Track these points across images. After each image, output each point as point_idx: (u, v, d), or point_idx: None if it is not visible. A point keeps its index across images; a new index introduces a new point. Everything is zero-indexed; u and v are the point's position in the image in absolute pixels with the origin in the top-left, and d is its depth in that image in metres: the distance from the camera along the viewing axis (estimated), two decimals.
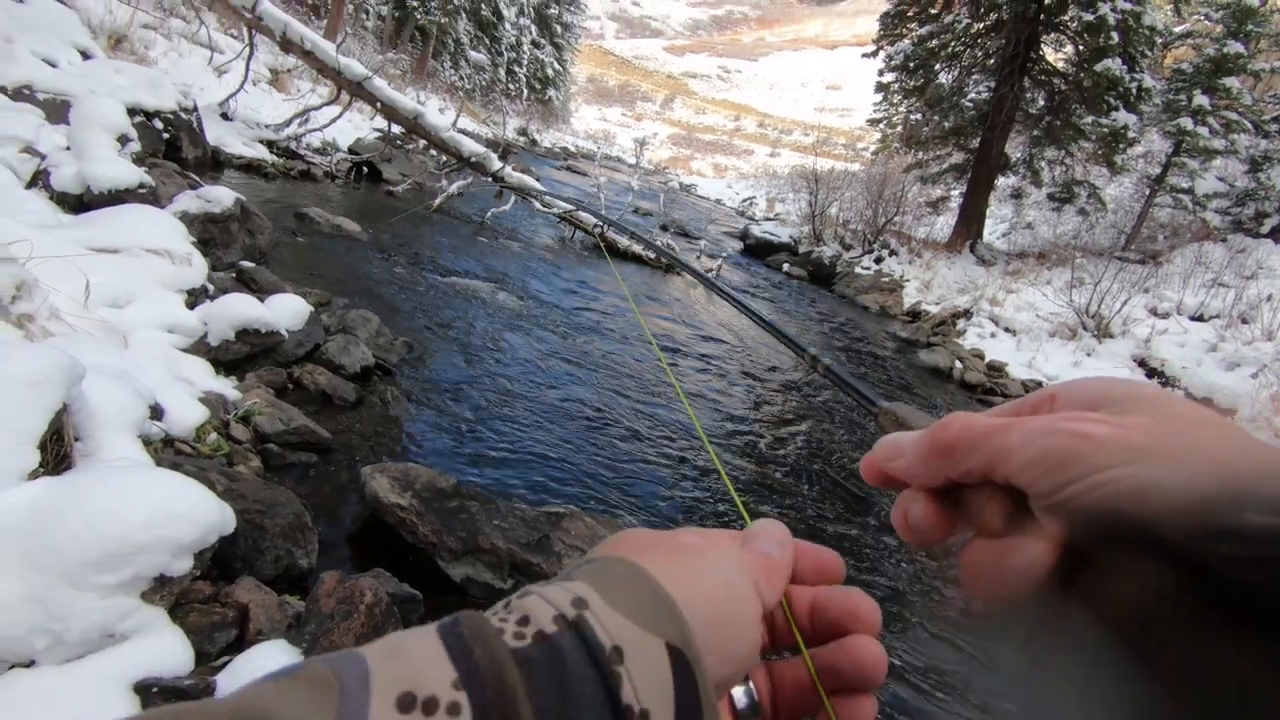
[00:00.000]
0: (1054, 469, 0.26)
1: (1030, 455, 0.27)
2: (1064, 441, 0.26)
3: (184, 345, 3.10)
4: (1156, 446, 0.25)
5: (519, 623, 0.23)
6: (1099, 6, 13.16)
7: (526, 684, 0.21)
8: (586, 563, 0.28)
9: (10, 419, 1.59)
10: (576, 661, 0.22)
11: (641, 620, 0.24)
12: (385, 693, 0.20)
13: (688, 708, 0.24)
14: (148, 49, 9.71)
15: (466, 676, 0.21)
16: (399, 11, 30.35)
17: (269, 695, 0.20)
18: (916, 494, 0.32)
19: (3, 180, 3.74)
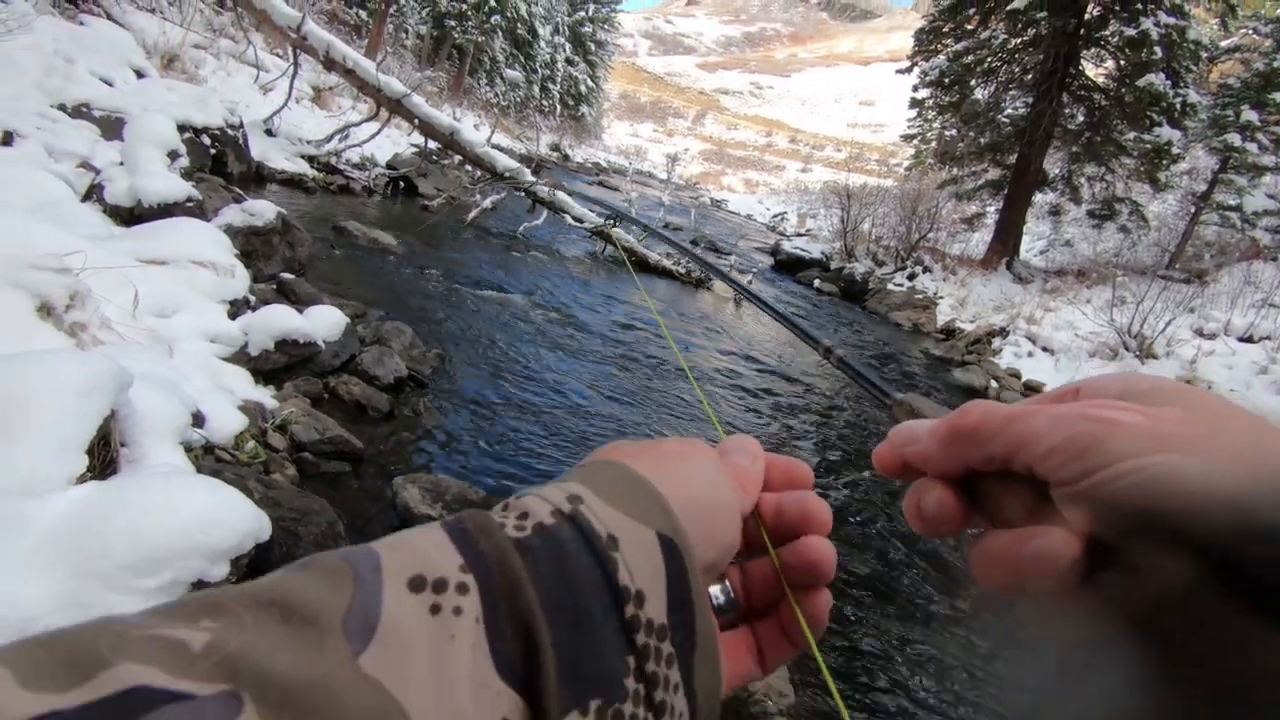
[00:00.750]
0: (1079, 455, 0.25)
1: (1055, 441, 0.26)
2: (1091, 428, 0.25)
3: (225, 355, 3.18)
4: (1187, 436, 0.24)
5: (519, 517, 0.25)
6: (1141, 21, 12.93)
7: (529, 569, 0.23)
8: (577, 469, 0.30)
9: (61, 424, 1.64)
10: (575, 549, 0.24)
11: (633, 512, 0.26)
12: (397, 576, 0.22)
13: (679, 589, 0.26)
14: (198, 68, 10.08)
15: (473, 562, 0.23)
16: (437, 31, 31.09)
17: (289, 581, 0.21)
18: (931, 482, 0.31)
19: (60, 194, 3.89)
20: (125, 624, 0.18)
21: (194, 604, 0.19)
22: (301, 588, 0.21)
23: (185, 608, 0.19)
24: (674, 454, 0.32)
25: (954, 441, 0.30)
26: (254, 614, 0.19)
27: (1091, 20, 14.19)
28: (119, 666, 0.17)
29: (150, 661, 0.17)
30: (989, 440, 0.28)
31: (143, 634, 0.18)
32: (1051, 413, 0.27)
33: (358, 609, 0.20)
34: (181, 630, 0.18)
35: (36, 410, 1.62)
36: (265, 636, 0.19)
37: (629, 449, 0.32)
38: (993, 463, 0.29)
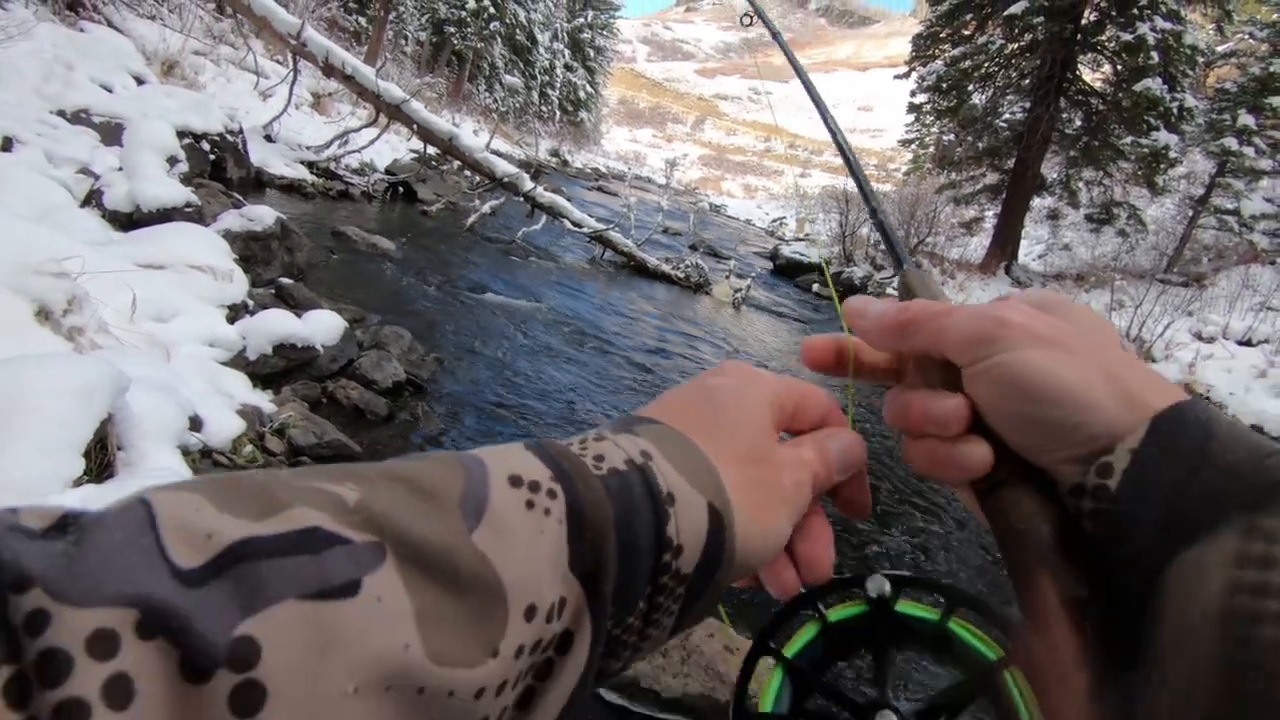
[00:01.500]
0: (975, 345, 0.33)
1: (960, 334, 0.34)
2: (986, 325, 0.33)
3: (224, 359, 3.18)
4: (1053, 339, 0.32)
5: (595, 458, 0.29)
6: (1138, 26, 12.99)
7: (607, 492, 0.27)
8: (649, 422, 0.32)
9: (58, 427, 1.64)
10: (640, 494, 0.28)
11: (693, 481, 0.29)
12: (500, 472, 0.26)
13: (712, 553, 0.29)
14: (198, 74, 10.11)
15: (559, 475, 0.27)
16: (436, 37, 31.19)
17: (412, 464, 0.25)
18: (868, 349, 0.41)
19: (59, 199, 3.90)
20: (290, 474, 0.23)
21: (336, 470, 0.23)
22: (423, 470, 0.25)
23: (331, 472, 0.23)
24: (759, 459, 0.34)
25: (893, 328, 0.37)
26: (388, 484, 0.23)
27: (1088, 25, 14.25)
28: (296, 508, 0.21)
29: (320, 507, 0.21)
30: (917, 332, 0.36)
31: (307, 485, 0.22)
32: (963, 312, 0.34)
33: (470, 494, 0.24)
34: (337, 487, 0.22)
35: (34, 413, 1.63)
36: (399, 502, 0.23)
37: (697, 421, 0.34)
38: (915, 352, 0.37)
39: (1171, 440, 0.28)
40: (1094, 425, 0.29)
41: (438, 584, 0.22)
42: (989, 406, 0.33)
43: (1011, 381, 0.31)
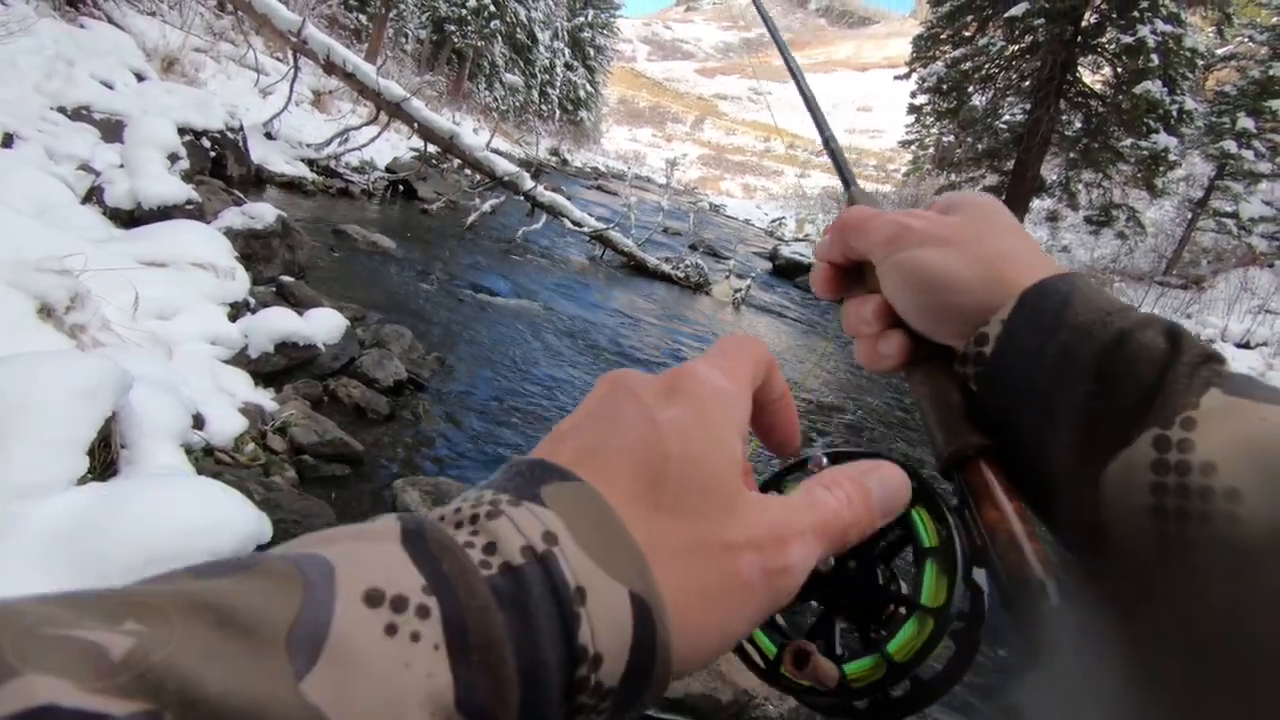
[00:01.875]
0: (884, 245, 0.39)
1: (877, 237, 0.40)
2: (893, 229, 0.39)
3: (225, 357, 3.18)
4: (947, 237, 0.38)
5: (485, 550, 0.22)
6: (1138, 29, 13.01)
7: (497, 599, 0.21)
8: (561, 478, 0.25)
9: (62, 426, 1.64)
10: (540, 594, 0.22)
11: (609, 566, 0.23)
12: (351, 586, 0.19)
13: (642, 658, 0.23)
14: (198, 71, 10.09)
15: (435, 583, 0.21)
16: (437, 35, 31.16)
17: (227, 587, 0.18)
18: (821, 265, 0.45)
19: (60, 196, 3.89)
20: (35, 617, 0.16)
21: (117, 599, 0.17)
22: (242, 591, 0.18)
23: (107, 602, 0.17)
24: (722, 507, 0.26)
25: (834, 232, 0.43)
26: (186, 617, 0.17)
27: (1088, 28, 14.28)
28: (24, 678, 0.14)
29: (61, 672, 0.15)
30: (851, 234, 0.42)
31: (56, 635, 0.15)
32: (881, 217, 0.40)
33: (304, 621, 0.18)
34: (101, 632, 0.16)
35: (38, 411, 1.62)
36: (196, 646, 0.16)
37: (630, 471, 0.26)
38: (852, 251, 0.42)
39: (1035, 310, 0.34)
40: (968, 304, 0.36)
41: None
42: (893, 298, 0.39)
43: (904, 274, 0.38)
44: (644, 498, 0.25)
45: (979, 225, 0.38)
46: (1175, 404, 0.29)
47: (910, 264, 0.37)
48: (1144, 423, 0.30)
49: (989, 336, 0.35)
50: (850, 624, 0.37)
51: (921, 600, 0.33)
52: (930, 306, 0.37)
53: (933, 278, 0.37)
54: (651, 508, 0.25)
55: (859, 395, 6.64)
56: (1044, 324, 0.33)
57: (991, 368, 0.35)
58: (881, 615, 0.35)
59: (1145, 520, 0.29)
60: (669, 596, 0.24)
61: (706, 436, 0.27)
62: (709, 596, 0.25)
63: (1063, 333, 0.32)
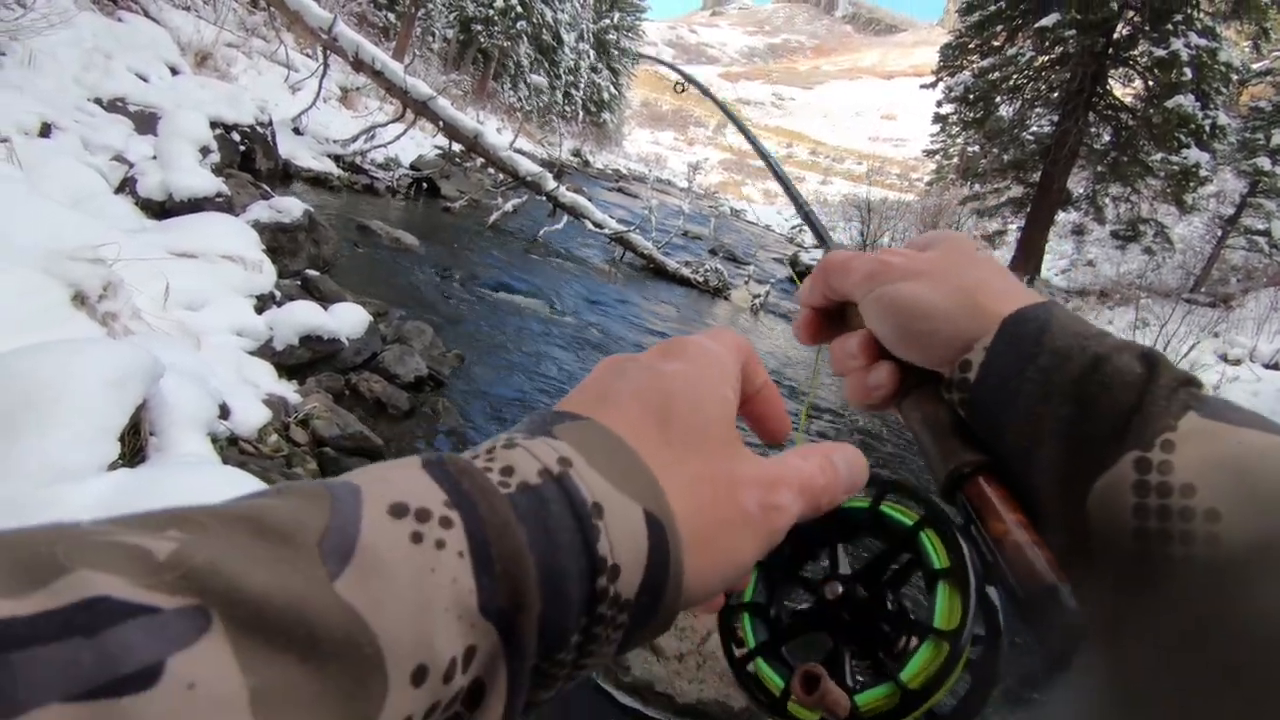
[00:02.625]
0: (865, 282, 0.41)
1: (857, 275, 0.41)
2: (874, 266, 0.41)
3: (251, 349, 3.22)
4: (925, 272, 0.39)
5: (503, 471, 0.23)
6: (1171, 42, 12.82)
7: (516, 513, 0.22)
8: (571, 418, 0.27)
9: (95, 412, 1.67)
10: (559, 510, 0.23)
11: (623, 485, 0.24)
12: (377, 502, 0.20)
13: (657, 570, 0.24)
14: (230, 66, 10.25)
15: (457, 499, 0.22)
16: (464, 35, 31.41)
17: (263, 499, 0.20)
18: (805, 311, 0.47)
19: (95, 186, 3.97)
20: (85, 529, 0.17)
21: (160, 514, 0.18)
22: (276, 506, 0.19)
23: (151, 517, 0.18)
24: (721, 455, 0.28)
25: (815, 277, 0.45)
26: (225, 526, 0.18)
27: (1120, 40, 14.09)
28: (77, 573, 0.15)
29: (112, 569, 0.16)
30: (833, 275, 0.43)
31: (104, 540, 0.16)
32: (864, 258, 0.42)
33: (334, 530, 0.19)
34: (146, 538, 0.17)
35: (72, 397, 1.66)
36: (236, 551, 0.17)
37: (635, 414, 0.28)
38: (836, 293, 0.44)
39: (1015, 336, 0.35)
40: (950, 332, 0.37)
41: (286, 654, 0.17)
42: (878, 331, 0.41)
43: (886, 306, 0.40)
44: (653, 433, 0.27)
45: (955, 258, 0.40)
46: (1154, 427, 0.31)
47: (891, 296, 0.39)
48: (1124, 445, 0.31)
49: (972, 363, 0.37)
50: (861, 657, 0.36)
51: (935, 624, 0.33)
52: (914, 335, 0.39)
53: (914, 307, 0.38)
54: (661, 443, 0.27)
55: (869, 422, 6.56)
56: (1024, 350, 0.35)
57: (976, 393, 0.36)
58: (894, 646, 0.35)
59: (1129, 541, 0.30)
60: (680, 519, 0.25)
61: (705, 385, 0.30)
62: (717, 523, 0.27)
63: (1042, 358, 0.34)
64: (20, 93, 4.67)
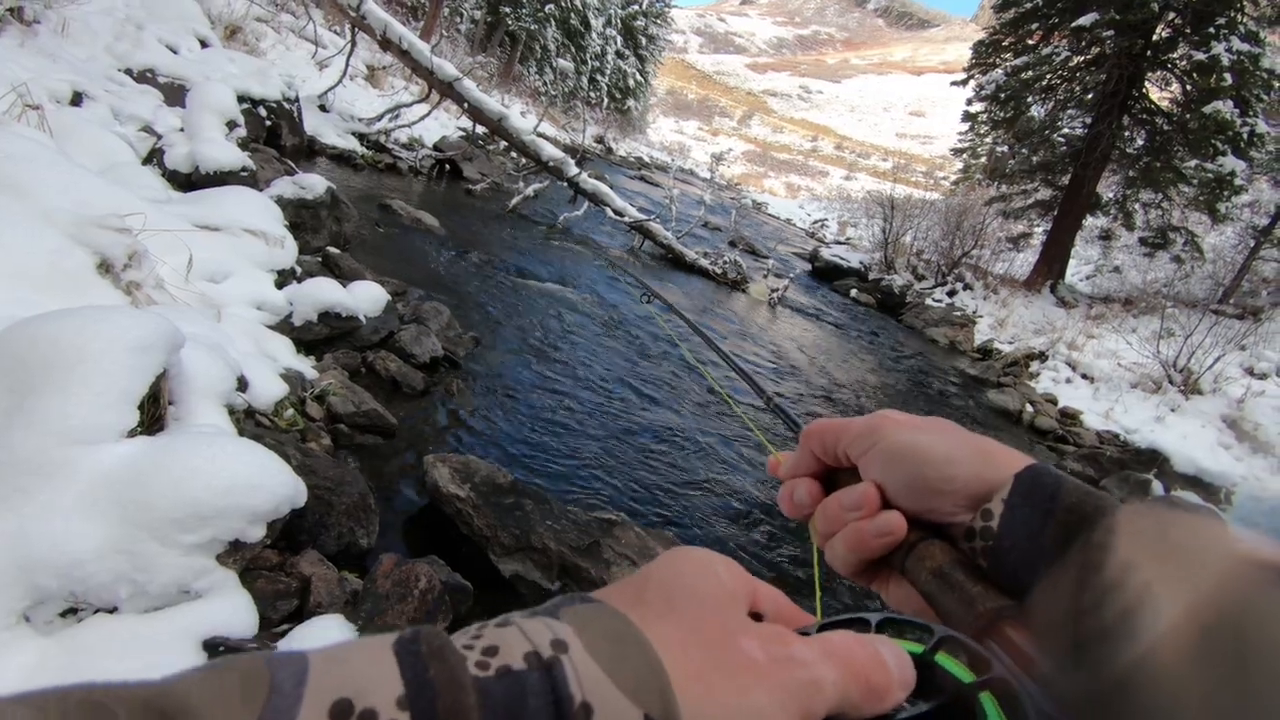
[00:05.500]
0: (865, 437, 0.41)
1: (853, 432, 0.42)
2: (872, 420, 0.42)
3: (270, 323, 3.25)
4: (926, 427, 0.41)
5: (485, 651, 0.21)
6: (1212, 46, 12.49)
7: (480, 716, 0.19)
8: (582, 601, 0.25)
9: (116, 378, 1.70)
10: (538, 707, 0.20)
11: (622, 682, 0.21)
12: (320, 695, 0.18)
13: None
14: (259, 40, 10.29)
15: (415, 695, 0.19)
16: (491, 17, 31.31)
17: (192, 685, 0.18)
18: (798, 479, 0.46)
19: (123, 155, 4.02)
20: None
21: (74, 695, 0.17)
22: (203, 694, 0.17)
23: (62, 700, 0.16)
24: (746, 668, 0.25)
25: (803, 445, 0.45)
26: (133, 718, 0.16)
27: (1159, 42, 13.76)
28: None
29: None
30: (824, 438, 0.43)
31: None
32: (857, 420, 0.42)
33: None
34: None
35: (94, 363, 1.68)
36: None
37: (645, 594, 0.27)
38: (827, 454, 0.44)
39: (1032, 490, 0.36)
40: (966, 479, 0.38)
41: None
42: (885, 480, 0.40)
43: (895, 452, 0.40)
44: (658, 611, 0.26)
45: (950, 424, 0.41)
46: None
47: (904, 442, 0.40)
48: None
49: (993, 513, 0.37)
50: None
51: None
52: (932, 482, 0.38)
53: (928, 453, 0.39)
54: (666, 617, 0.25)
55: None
56: (1042, 502, 0.36)
57: (998, 543, 0.37)
58: None
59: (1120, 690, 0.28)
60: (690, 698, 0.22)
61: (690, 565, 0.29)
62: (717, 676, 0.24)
63: (1059, 513, 0.35)
64: (53, 61, 4.72)
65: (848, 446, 0.42)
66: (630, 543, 2.62)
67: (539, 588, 2.42)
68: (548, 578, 2.44)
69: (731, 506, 3.66)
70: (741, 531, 3.47)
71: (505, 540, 2.45)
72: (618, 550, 2.56)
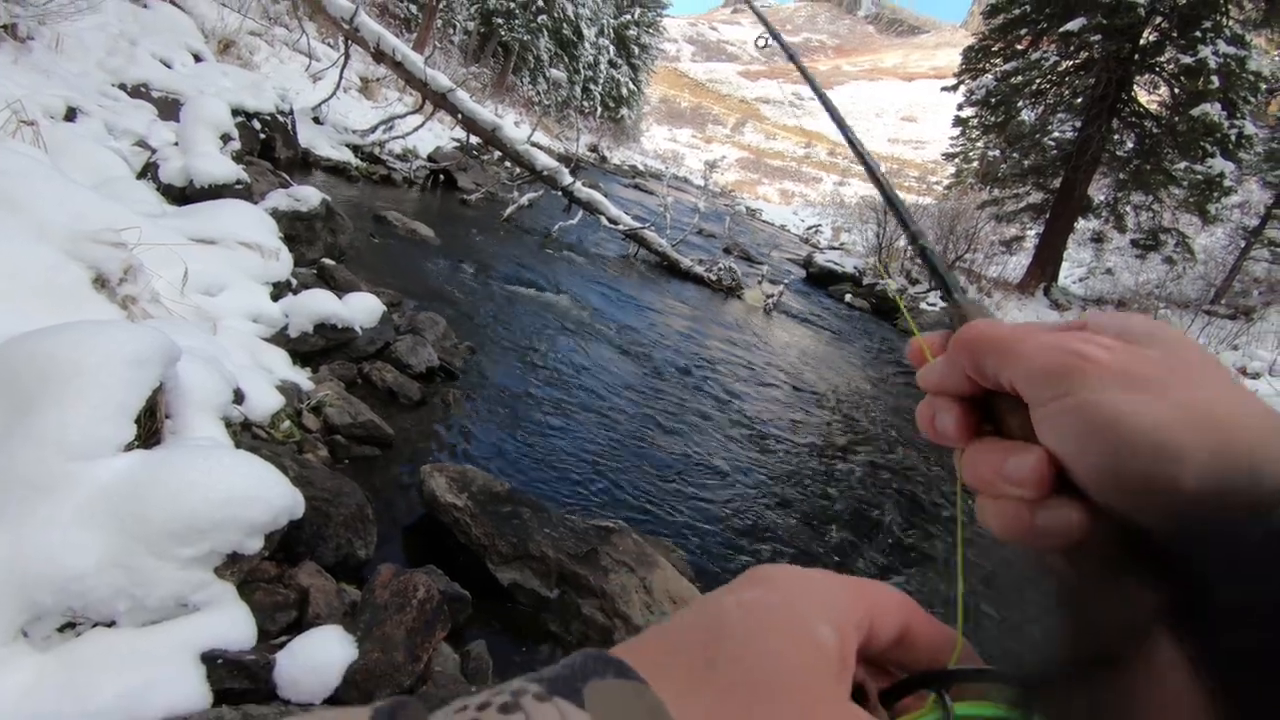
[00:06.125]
0: (1050, 380, 0.27)
1: (1034, 364, 0.27)
2: (1066, 359, 0.27)
3: (266, 335, 3.26)
4: (1152, 379, 0.25)
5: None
6: (1199, 49, 12.63)
7: None
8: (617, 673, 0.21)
9: (113, 392, 1.70)
10: None
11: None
12: None
13: None
14: (252, 54, 10.33)
15: None
16: (485, 28, 31.47)
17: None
18: (941, 398, 0.33)
19: (118, 170, 4.03)
20: None
21: None
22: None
23: None
24: None
25: (954, 354, 0.31)
26: None
27: (1147, 46, 13.90)
28: None
29: None
30: (984, 354, 0.30)
31: None
32: (1040, 339, 0.28)
33: None
34: None
35: (90, 378, 1.69)
36: None
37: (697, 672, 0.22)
38: (986, 379, 0.30)
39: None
40: (1190, 475, 0.23)
41: None
42: (1069, 457, 0.26)
43: (1091, 427, 0.25)
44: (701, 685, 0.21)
45: (1193, 370, 0.26)
46: None
47: (1108, 413, 0.25)
48: None
49: None
50: None
51: None
52: (1140, 479, 0.24)
53: (1143, 437, 0.24)
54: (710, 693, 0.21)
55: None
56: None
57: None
58: None
59: None
60: None
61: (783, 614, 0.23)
62: None
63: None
64: (47, 76, 4.73)
65: (1017, 380, 0.28)
66: (629, 550, 2.63)
67: (537, 595, 2.42)
68: (546, 586, 2.45)
69: (731, 511, 3.67)
70: (741, 537, 3.47)
71: (503, 549, 2.46)
72: (615, 558, 2.56)
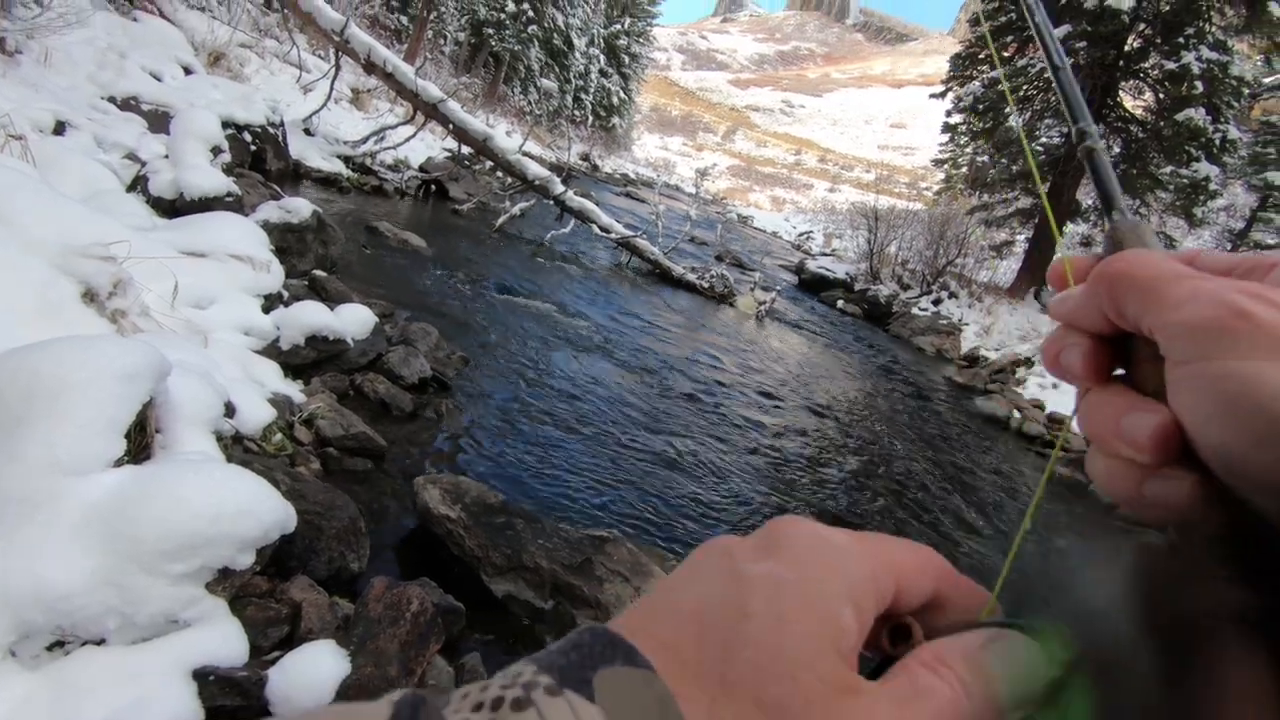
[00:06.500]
0: (1195, 338, 0.22)
1: (1183, 314, 0.23)
2: (1223, 314, 0.22)
3: (257, 347, 3.25)
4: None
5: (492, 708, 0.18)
6: (1183, 55, 12.79)
7: None
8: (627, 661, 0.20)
9: (103, 407, 1.69)
10: None
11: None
12: None
13: None
14: (243, 66, 10.33)
15: None
16: (475, 38, 31.57)
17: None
18: (1073, 335, 0.28)
19: (108, 183, 4.01)
20: None
21: None
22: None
23: None
24: None
25: (1094, 285, 0.27)
26: None
27: (1131, 52, 14.06)
28: None
29: None
30: (1126, 294, 0.25)
31: None
32: (1197, 285, 0.23)
33: None
34: None
35: (80, 393, 1.68)
36: None
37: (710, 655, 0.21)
38: (1125, 321, 0.26)
39: None
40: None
41: None
42: (1197, 427, 0.23)
43: (1232, 401, 0.21)
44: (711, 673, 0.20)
45: None
46: None
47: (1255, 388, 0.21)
48: None
49: None
50: None
51: None
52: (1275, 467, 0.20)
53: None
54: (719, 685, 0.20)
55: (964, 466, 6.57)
56: None
57: None
58: None
59: None
60: None
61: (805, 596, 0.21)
62: None
63: None
64: (36, 90, 4.72)
65: (1158, 330, 0.24)
66: (623, 559, 2.62)
67: (532, 606, 2.41)
68: (540, 597, 2.44)
69: (724, 518, 3.67)
70: None
71: (497, 560, 2.45)
72: (610, 567, 2.56)
